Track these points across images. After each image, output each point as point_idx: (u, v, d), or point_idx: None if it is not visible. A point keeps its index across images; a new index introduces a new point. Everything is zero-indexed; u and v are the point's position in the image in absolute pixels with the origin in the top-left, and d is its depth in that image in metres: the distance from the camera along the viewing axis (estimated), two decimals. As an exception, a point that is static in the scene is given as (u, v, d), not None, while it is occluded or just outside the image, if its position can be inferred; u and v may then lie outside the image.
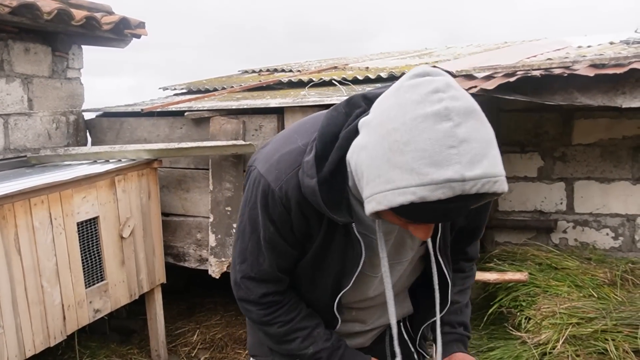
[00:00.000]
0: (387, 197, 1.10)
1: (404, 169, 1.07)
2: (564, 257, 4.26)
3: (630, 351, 3.49)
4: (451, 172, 1.04)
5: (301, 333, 1.51)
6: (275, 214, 1.38)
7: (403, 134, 1.07)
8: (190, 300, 5.20)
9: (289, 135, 1.41)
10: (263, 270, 1.47)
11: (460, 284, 1.63)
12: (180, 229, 4.27)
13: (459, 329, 1.59)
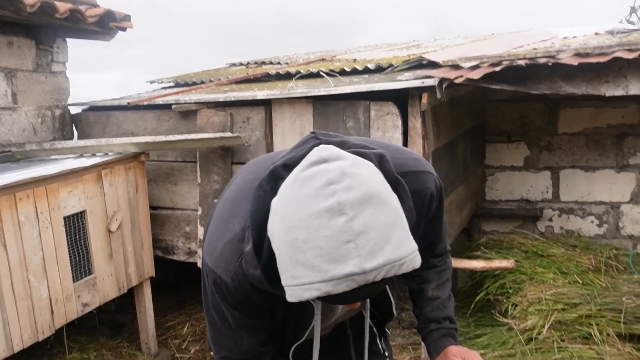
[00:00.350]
0: (295, 291, 1.11)
1: (306, 266, 1.08)
2: (550, 244, 4.31)
3: (613, 335, 3.56)
4: (350, 267, 1.05)
5: None
6: (235, 302, 1.39)
7: (301, 231, 1.07)
8: (179, 293, 5.21)
9: (226, 219, 1.40)
10: (243, 350, 1.50)
11: (436, 279, 1.64)
12: (168, 222, 4.27)
13: (445, 324, 1.60)
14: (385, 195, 1.11)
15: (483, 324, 4.13)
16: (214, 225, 1.44)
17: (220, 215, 1.43)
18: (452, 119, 4.11)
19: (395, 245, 1.08)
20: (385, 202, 1.09)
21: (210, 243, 1.40)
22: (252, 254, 1.25)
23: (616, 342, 3.57)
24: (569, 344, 3.62)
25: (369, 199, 1.07)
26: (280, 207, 1.14)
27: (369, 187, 1.08)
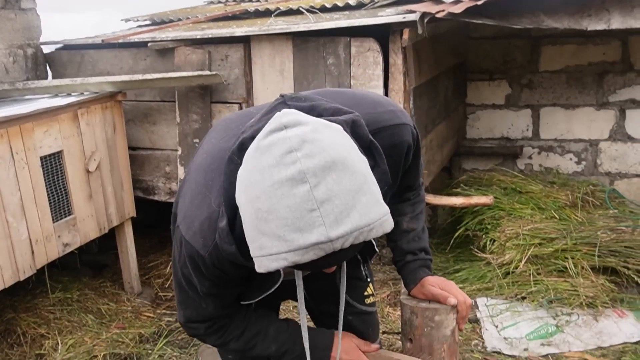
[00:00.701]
0: (263, 262, 1.10)
1: (271, 237, 1.06)
2: (529, 181, 4.36)
3: (587, 268, 3.66)
4: (316, 236, 1.04)
5: (257, 338, 1.60)
6: (210, 274, 1.40)
7: (264, 202, 1.06)
8: (161, 234, 5.22)
9: (203, 193, 1.38)
10: (207, 312, 1.53)
11: (410, 211, 1.65)
12: (148, 162, 4.23)
13: (420, 255, 1.62)
14: (349, 160, 1.08)
15: (462, 259, 4.22)
16: (190, 197, 1.42)
17: (196, 187, 1.41)
18: (434, 56, 4.07)
19: (362, 211, 1.06)
20: (349, 167, 1.07)
21: (188, 216, 1.39)
22: (226, 230, 1.25)
23: (590, 275, 3.67)
24: (545, 277, 3.71)
25: (332, 165, 1.05)
26: (244, 178, 1.12)
27: (331, 152, 1.06)
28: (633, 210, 4.28)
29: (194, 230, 1.36)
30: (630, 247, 3.67)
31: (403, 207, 1.64)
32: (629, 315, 3.47)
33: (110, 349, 3.41)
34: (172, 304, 4.09)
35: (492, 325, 3.48)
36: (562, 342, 3.29)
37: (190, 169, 1.48)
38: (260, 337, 1.59)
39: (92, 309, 3.84)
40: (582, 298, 3.53)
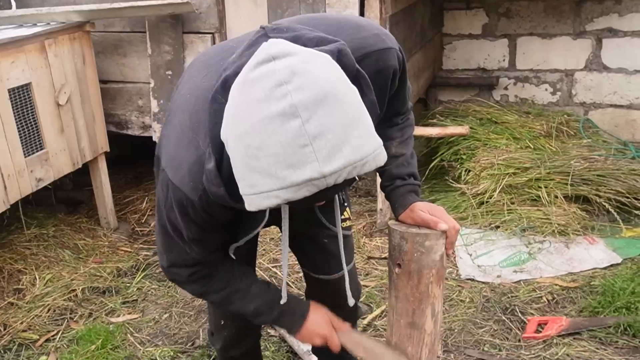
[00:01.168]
0: (254, 200, 1.07)
1: (263, 174, 1.03)
2: (504, 111, 4.37)
3: (560, 196, 3.72)
4: (309, 172, 1.01)
5: (238, 295, 1.58)
6: (198, 219, 1.36)
7: (254, 138, 1.02)
8: (136, 169, 5.16)
9: (189, 136, 1.33)
10: (191, 258, 1.49)
11: (399, 136, 1.61)
12: (120, 96, 4.13)
13: (409, 180, 1.58)
14: (341, 92, 1.05)
15: (437, 190, 4.25)
16: (176, 139, 1.37)
17: (181, 129, 1.36)
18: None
19: (355, 145, 1.04)
20: (341, 99, 1.03)
21: (175, 159, 1.35)
22: (214, 172, 1.21)
23: (563, 203, 3.74)
24: (518, 206, 3.78)
25: (324, 98, 1.01)
26: (231, 113, 1.08)
27: (322, 85, 1.02)
28: (606, 140, 4.34)
29: (182, 174, 1.32)
30: (602, 175, 3.73)
31: (391, 132, 1.60)
32: (599, 242, 3.56)
33: (88, 283, 3.41)
34: (149, 238, 4.09)
35: (466, 254, 3.55)
36: (534, 269, 3.38)
37: (173, 110, 1.43)
38: (241, 295, 1.57)
39: (68, 245, 3.82)
40: (555, 226, 3.61)
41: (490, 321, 2.93)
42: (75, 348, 2.84)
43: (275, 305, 1.59)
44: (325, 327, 1.63)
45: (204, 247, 1.48)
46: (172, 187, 1.35)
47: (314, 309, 1.64)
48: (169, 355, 2.79)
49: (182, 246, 1.46)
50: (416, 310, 1.47)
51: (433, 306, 1.45)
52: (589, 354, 2.65)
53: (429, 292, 1.44)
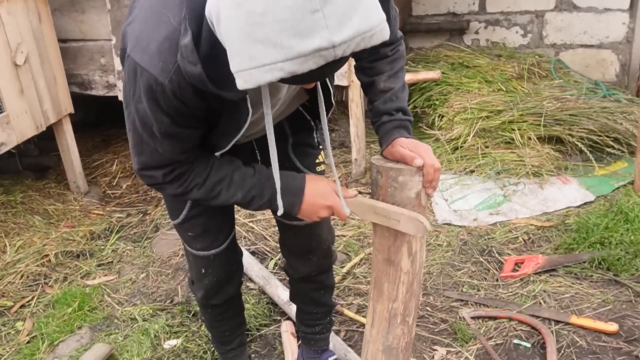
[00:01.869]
0: (253, 75, 0.99)
1: (266, 44, 0.95)
2: (476, 55, 4.33)
3: (534, 138, 3.72)
4: (319, 41, 0.94)
5: (222, 185, 1.46)
6: (168, 107, 1.25)
7: (257, 3, 0.93)
8: (104, 132, 5.04)
9: (158, 12, 1.21)
10: (164, 157, 1.38)
11: (388, 70, 1.52)
12: (81, 55, 3.98)
13: (397, 115, 1.51)
14: None
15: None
16: (142, 18, 1.25)
17: (150, 8, 1.24)
18: None
19: (364, 14, 0.97)
20: None
21: (142, 39, 1.23)
22: (190, 47, 1.12)
23: (536, 145, 3.75)
24: (492, 150, 3.78)
25: None
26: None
27: None
28: (577, 80, 4.33)
29: (150, 54, 1.21)
30: (574, 115, 3.73)
31: (380, 65, 1.52)
32: (572, 181, 3.59)
33: (61, 248, 3.34)
34: (121, 201, 4.02)
35: (442, 199, 3.55)
36: (510, 211, 3.39)
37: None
38: (225, 183, 1.44)
39: (38, 210, 3.73)
40: (528, 167, 3.62)
41: (468, 263, 2.95)
42: (52, 312, 2.80)
43: (265, 185, 1.45)
44: (329, 196, 1.46)
45: (176, 145, 1.36)
46: (140, 71, 1.23)
47: (311, 179, 1.49)
48: (148, 313, 2.76)
49: (152, 146, 1.35)
50: (391, 247, 1.44)
51: (409, 245, 1.42)
52: (565, 289, 2.68)
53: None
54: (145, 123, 1.31)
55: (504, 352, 2.35)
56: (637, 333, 2.38)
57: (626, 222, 2.97)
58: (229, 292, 1.94)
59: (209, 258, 1.83)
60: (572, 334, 2.40)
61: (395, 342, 1.51)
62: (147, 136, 1.34)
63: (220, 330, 2.08)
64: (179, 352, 2.48)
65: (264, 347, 2.50)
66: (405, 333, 1.51)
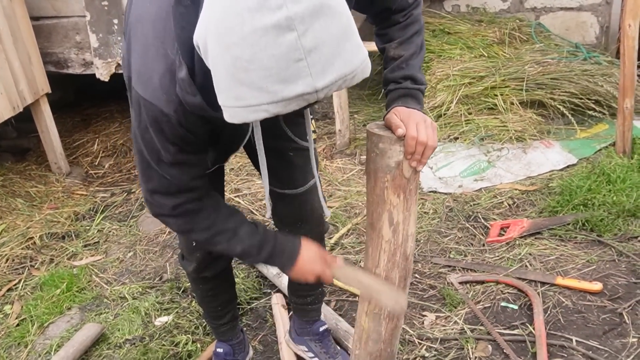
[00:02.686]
0: (238, 113, 1.02)
1: (251, 87, 0.98)
2: (457, 21, 4.29)
3: (516, 103, 3.74)
4: (302, 87, 0.97)
5: (225, 235, 1.49)
6: (175, 136, 1.28)
7: (244, 50, 0.95)
8: (83, 112, 4.97)
9: (155, 45, 1.23)
10: (173, 184, 1.40)
11: (399, 36, 1.49)
12: (55, 32, 3.89)
13: (404, 84, 1.47)
14: (335, 1, 0.99)
15: (394, 106, 4.22)
16: (141, 52, 1.28)
17: (145, 40, 1.27)
18: None
19: (346, 58, 1.00)
20: (334, 8, 0.98)
21: (143, 73, 1.27)
22: (187, 80, 1.15)
23: (519, 110, 3.76)
24: (476, 116, 3.78)
25: (319, 9, 0.96)
26: (215, 21, 0.99)
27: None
28: (558, 44, 4.33)
29: (153, 87, 1.25)
30: (556, 78, 3.74)
31: (391, 32, 1.50)
32: (555, 144, 3.61)
33: (46, 230, 3.31)
34: (104, 180, 3.98)
35: (427, 167, 3.56)
36: (494, 176, 3.41)
37: (132, 23, 1.33)
38: (228, 235, 1.49)
39: (19, 193, 3.69)
40: (512, 133, 3.64)
41: (455, 229, 2.97)
42: (40, 294, 2.78)
43: (264, 246, 1.51)
44: (318, 264, 1.55)
45: (185, 172, 1.39)
46: (145, 104, 1.27)
47: (305, 246, 1.56)
48: (137, 292, 2.75)
49: (160, 172, 1.38)
50: (374, 212, 1.44)
51: (390, 214, 1.41)
52: (550, 251, 2.72)
53: (384, 198, 1.41)
54: (152, 151, 1.35)
55: (492, 315, 2.39)
56: (620, 291, 2.43)
57: (608, 183, 3.01)
58: (221, 264, 1.94)
59: None
60: (557, 294, 2.44)
61: (377, 309, 1.52)
62: (155, 164, 1.37)
63: (212, 306, 2.08)
64: (170, 329, 2.49)
65: (255, 320, 2.51)
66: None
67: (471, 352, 2.21)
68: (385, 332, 1.56)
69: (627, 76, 3.15)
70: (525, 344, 2.22)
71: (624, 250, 2.64)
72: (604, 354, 2.14)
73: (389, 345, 1.58)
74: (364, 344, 1.59)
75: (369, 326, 1.55)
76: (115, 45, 3.69)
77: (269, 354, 2.33)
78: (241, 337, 2.21)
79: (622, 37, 3.13)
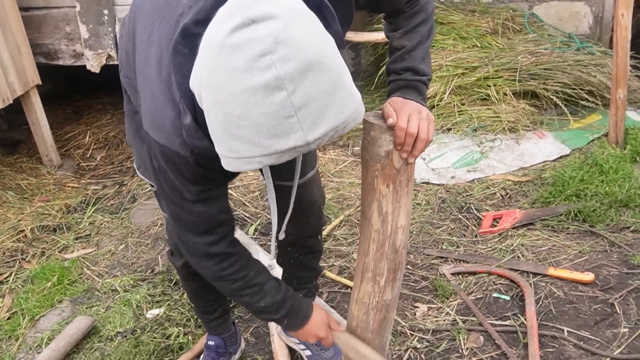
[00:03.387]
0: (232, 163, 1.04)
1: (244, 141, 0.99)
2: (450, 11, 4.27)
3: (509, 93, 3.73)
4: (294, 141, 0.99)
5: (253, 289, 1.52)
6: (194, 175, 1.30)
7: (235, 107, 0.97)
8: (74, 104, 4.93)
9: (164, 91, 1.25)
10: (202, 222, 1.41)
11: (403, 26, 1.46)
12: (45, 23, 3.85)
13: (404, 75, 1.45)
14: (325, 57, 1.00)
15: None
16: (150, 98, 1.30)
17: (154, 86, 1.28)
18: None
19: (338, 109, 1.01)
20: (325, 64, 0.99)
21: (155, 120, 1.28)
22: (193, 126, 1.16)
23: (512, 100, 3.76)
24: (469, 107, 3.77)
25: (309, 66, 0.97)
26: (207, 77, 1.00)
27: (307, 53, 0.97)
28: (551, 34, 4.31)
29: (167, 132, 1.26)
30: (549, 69, 3.73)
31: (397, 21, 1.47)
32: (548, 135, 3.61)
33: (37, 222, 3.29)
34: (96, 173, 3.96)
35: (419, 158, 3.55)
36: (487, 167, 3.41)
37: (140, 68, 1.35)
38: (255, 290, 1.52)
39: (10, 185, 3.66)
40: (505, 123, 3.64)
41: (447, 220, 2.97)
42: (31, 287, 2.77)
43: (283, 306, 1.56)
44: (323, 329, 1.62)
45: (209, 206, 1.40)
46: (160, 149, 1.28)
47: (315, 311, 1.63)
48: (129, 284, 2.74)
49: (187, 211, 1.39)
50: (365, 200, 1.44)
51: (379, 203, 1.40)
52: (542, 241, 2.72)
53: (374, 187, 1.40)
54: (175, 191, 1.36)
55: (484, 305, 2.39)
56: (612, 281, 2.43)
57: (601, 173, 3.01)
58: None
59: None
60: (549, 285, 2.44)
61: (366, 298, 1.52)
62: (180, 203, 1.38)
63: (203, 301, 2.07)
64: (162, 321, 2.48)
65: (247, 313, 2.50)
66: (376, 292, 1.51)
67: (463, 343, 2.21)
68: (375, 323, 1.55)
69: (620, 66, 3.14)
70: (517, 334, 2.22)
71: (616, 240, 2.65)
72: (595, 344, 2.14)
73: (377, 336, 1.58)
74: (352, 331, 1.61)
75: (358, 314, 1.57)
76: (106, 36, 3.66)
77: (261, 345, 2.33)
78: (233, 330, 2.20)
79: (615, 26, 3.12)
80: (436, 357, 2.17)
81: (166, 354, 2.32)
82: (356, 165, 3.58)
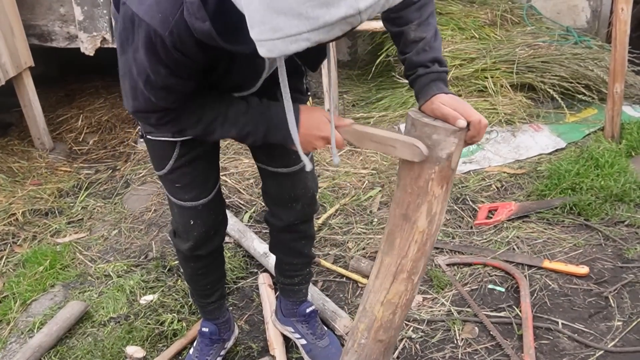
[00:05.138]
0: (277, 45, 0.96)
1: (289, 15, 0.92)
2: (449, 2, 4.24)
3: (506, 85, 3.72)
4: (345, 9, 0.91)
5: (216, 123, 1.44)
6: (168, 59, 1.22)
7: None
8: (67, 87, 4.87)
9: None
10: (158, 105, 1.35)
11: (417, 17, 1.41)
12: (38, 4, 3.79)
13: (433, 67, 1.41)
14: None
15: (384, 87, 4.18)
16: None
17: None
18: None
19: None
20: None
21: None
22: (197, 3, 1.08)
23: (509, 92, 3.75)
24: (466, 98, 3.75)
25: None
26: None
27: None
28: (549, 27, 4.30)
29: (148, 4, 1.17)
30: (546, 62, 3.73)
31: (407, 13, 1.41)
32: (544, 128, 3.61)
33: (28, 206, 3.26)
34: (89, 157, 3.92)
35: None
36: (483, 159, 3.41)
37: None
38: (219, 121, 1.43)
39: (2, 168, 3.62)
40: (501, 115, 3.63)
41: (443, 211, 2.96)
42: (23, 271, 2.74)
43: (259, 122, 1.44)
44: (323, 127, 1.44)
45: (170, 94, 1.33)
46: (137, 21, 1.20)
47: (306, 110, 1.46)
48: (122, 270, 2.72)
49: (147, 94, 1.32)
50: (411, 204, 1.37)
51: (430, 205, 1.36)
52: (537, 234, 2.72)
53: (427, 189, 1.34)
54: (141, 72, 1.28)
55: (479, 297, 2.39)
56: (606, 275, 2.44)
57: (596, 167, 3.01)
58: (216, 242, 1.92)
59: (197, 208, 1.79)
60: (544, 277, 2.45)
61: (397, 298, 1.47)
62: (142, 84, 1.31)
63: (202, 284, 2.05)
64: (155, 307, 2.46)
65: (241, 300, 2.49)
66: (409, 290, 1.47)
67: (458, 333, 2.21)
68: (399, 319, 1.52)
69: (618, 60, 3.14)
70: (512, 326, 2.22)
71: (611, 234, 2.65)
72: (589, 336, 2.15)
73: (398, 330, 1.56)
74: (374, 333, 1.54)
75: (384, 315, 1.51)
76: (101, 19, 3.61)
77: (255, 333, 2.32)
78: (227, 316, 2.19)
79: (614, 20, 3.11)
80: (431, 347, 2.17)
81: (160, 340, 2.31)
82: (352, 154, 3.56)
